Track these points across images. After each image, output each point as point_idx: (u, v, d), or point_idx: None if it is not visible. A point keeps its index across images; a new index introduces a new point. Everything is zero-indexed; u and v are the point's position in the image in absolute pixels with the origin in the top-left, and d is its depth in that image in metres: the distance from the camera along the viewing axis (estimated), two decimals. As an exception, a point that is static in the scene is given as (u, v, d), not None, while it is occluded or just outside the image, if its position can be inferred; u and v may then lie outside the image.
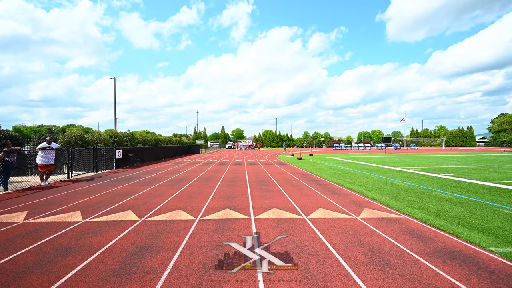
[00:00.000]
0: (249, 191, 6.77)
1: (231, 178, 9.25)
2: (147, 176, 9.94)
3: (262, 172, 11.33)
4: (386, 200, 5.76)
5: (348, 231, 3.76)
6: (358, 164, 15.11)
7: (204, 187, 7.46)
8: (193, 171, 11.55)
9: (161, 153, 19.96)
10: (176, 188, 7.20)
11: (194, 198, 5.96)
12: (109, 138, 19.07)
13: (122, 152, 12.64)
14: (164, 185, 7.75)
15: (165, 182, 8.32)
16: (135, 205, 5.25)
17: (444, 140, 49.37)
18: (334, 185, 7.77)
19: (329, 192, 6.64)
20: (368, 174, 10.24)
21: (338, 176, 9.75)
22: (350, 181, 8.51)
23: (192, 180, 8.75)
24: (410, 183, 7.98)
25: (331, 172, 10.98)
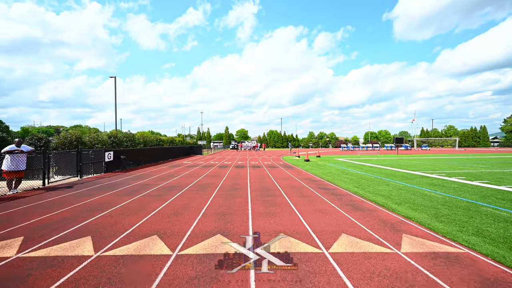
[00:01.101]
0: (249, 205, 5.52)
1: (230, 186, 8.02)
2: (135, 182, 8.79)
3: (266, 177, 10.07)
4: (425, 219, 4.45)
5: (395, 282, 2.48)
6: (371, 167, 13.71)
7: (197, 198, 6.25)
8: (189, 176, 10.37)
9: (159, 154, 18.88)
10: (162, 200, 6.00)
11: (179, 215, 4.75)
12: (108, 139, 18.09)
13: (113, 154, 11.53)
14: (149, 195, 6.56)
15: (152, 191, 7.13)
16: (100, 228, 4.06)
17: (457, 141, 47.17)
18: (352, 196, 6.46)
19: (349, 206, 5.35)
20: (387, 181, 8.89)
21: (353, 183, 8.43)
22: (370, 190, 7.19)
23: (184, 188, 7.55)
24: (443, 193, 6.62)
25: (344, 178, 9.66)
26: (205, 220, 4.44)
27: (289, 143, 37.25)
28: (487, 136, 68.31)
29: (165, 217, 4.61)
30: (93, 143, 16.60)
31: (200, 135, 75.87)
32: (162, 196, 6.47)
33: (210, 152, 35.44)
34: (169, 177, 10.10)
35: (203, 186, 7.89)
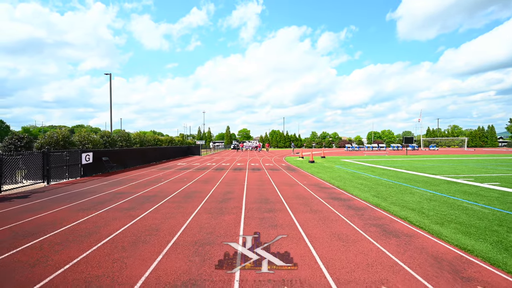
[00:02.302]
0: (241, 226, 4.12)
1: (222, 195, 6.63)
2: (109, 190, 7.41)
3: (266, 182, 8.67)
4: (495, 255, 3.03)
5: None
6: (384, 170, 12.22)
7: (175, 214, 4.85)
8: (177, 181, 8.99)
9: (151, 155, 17.51)
10: (128, 217, 4.61)
11: (138, 246, 3.35)
12: (100, 139, 16.74)
13: (93, 156, 10.16)
14: (116, 209, 5.18)
15: (121, 203, 5.75)
16: (6, 275, 2.68)
17: (466, 141, 45.31)
18: (375, 210, 5.03)
19: (376, 228, 3.93)
20: (410, 187, 7.44)
21: (370, 190, 7.00)
22: (393, 201, 5.77)
23: (164, 199, 6.16)
24: (489, 206, 5.18)
25: (358, 183, 8.22)
26: (173, 255, 3.05)
27: (291, 143, 35.76)
28: (495, 136, 66.21)
29: (116, 250, 3.22)
30: (83, 143, 15.29)
31: (200, 135, 74.58)
32: (132, 210, 5.09)
33: (209, 153, 34.05)
34: (154, 182, 8.73)
35: (188, 196, 6.51)
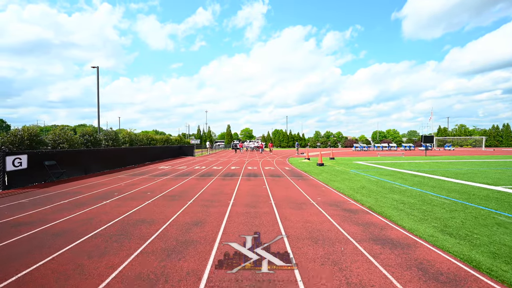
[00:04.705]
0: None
1: (181, 234, 3.95)
2: (13, 215, 4.78)
3: (262, 200, 5.96)
4: None
5: None
6: (416, 176, 9.37)
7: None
8: (132, 198, 6.33)
9: (129, 157, 14.87)
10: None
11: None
12: (79, 138, 14.14)
13: (27, 160, 7.53)
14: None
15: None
16: None
17: (484, 140, 41.97)
18: (474, 276, 2.29)
19: None
20: (485, 211, 4.65)
21: (425, 217, 4.23)
22: (484, 246, 3.01)
23: (84, 237, 3.49)
24: None
25: (396, 201, 5.45)
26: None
27: (296, 143, 32.93)
28: (511, 134, 62.49)
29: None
30: (58, 142, 12.70)
31: (200, 134, 72.07)
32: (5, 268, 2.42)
33: (205, 153, 31.38)
34: (99, 199, 6.06)
35: (122, 234, 3.82)
